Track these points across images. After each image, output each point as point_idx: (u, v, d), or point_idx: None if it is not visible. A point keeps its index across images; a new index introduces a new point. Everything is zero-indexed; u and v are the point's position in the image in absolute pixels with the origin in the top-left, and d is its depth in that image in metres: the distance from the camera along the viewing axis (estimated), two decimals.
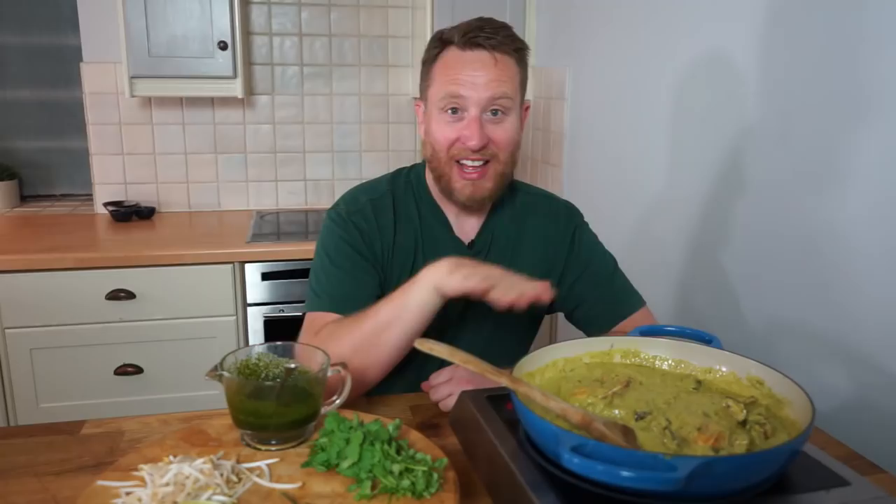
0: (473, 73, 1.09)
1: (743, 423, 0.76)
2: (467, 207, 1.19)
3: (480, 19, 1.13)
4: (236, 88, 2.36)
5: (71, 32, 2.57)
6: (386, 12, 2.68)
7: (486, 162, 1.13)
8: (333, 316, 1.12)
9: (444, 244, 1.21)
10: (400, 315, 1.02)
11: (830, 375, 1.20)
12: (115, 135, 2.54)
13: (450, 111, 1.11)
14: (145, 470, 0.76)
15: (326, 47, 2.67)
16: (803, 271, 1.26)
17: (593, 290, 1.24)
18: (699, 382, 0.88)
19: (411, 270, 1.18)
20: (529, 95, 1.71)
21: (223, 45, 2.26)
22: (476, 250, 1.22)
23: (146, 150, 2.58)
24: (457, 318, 1.19)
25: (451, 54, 1.12)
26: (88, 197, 2.71)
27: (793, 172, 1.29)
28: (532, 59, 1.18)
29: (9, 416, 2.08)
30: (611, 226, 1.64)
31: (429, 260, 1.18)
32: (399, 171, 1.28)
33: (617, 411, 0.80)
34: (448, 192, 1.17)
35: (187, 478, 0.73)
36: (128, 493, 0.73)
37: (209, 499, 0.72)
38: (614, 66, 1.97)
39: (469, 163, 1.13)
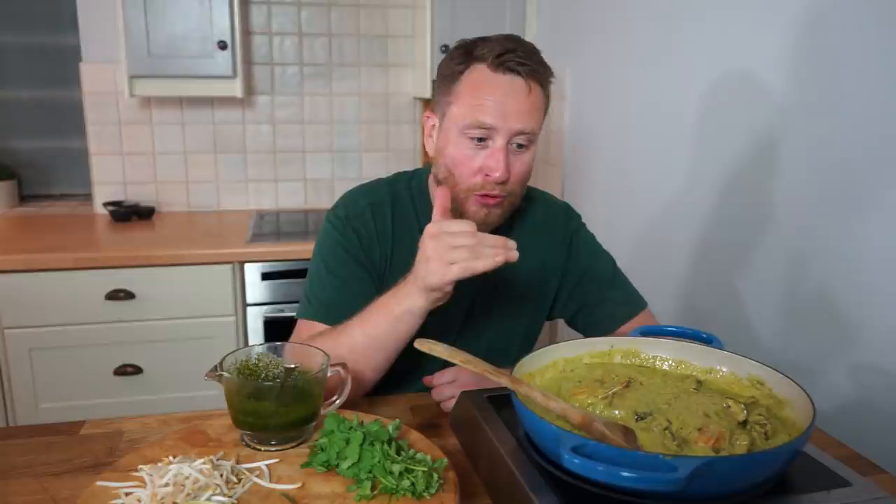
0: (505, 101, 1.03)
1: (743, 424, 0.76)
2: None
3: (511, 39, 1.06)
4: (236, 88, 2.36)
5: (70, 32, 2.57)
6: (386, 12, 2.68)
7: (503, 196, 1.09)
8: (323, 327, 1.10)
9: None
10: (393, 325, 0.99)
11: (831, 376, 1.20)
12: (114, 135, 2.54)
13: (475, 138, 1.05)
14: (145, 470, 0.76)
15: (326, 47, 2.67)
16: (805, 273, 1.26)
17: (594, 295, 1.23)
18: (700, 383, 0.88)
19: None
20: None
21: (223, 45, 2.26)
22: None
23: (145, 149, 2.58)
24: (458, 324, 1.18)
25: (481, 74, 1.04)
26: (87, 197, 2.70)
27: (796, 180, 1.28)
28: None
29: (8, 416, 2.08)
30: (610, 226, 1.64)
31: None
32: (399, 177, 1.24)
33: (617, 412, 0.80)
34: (459, 214, 1.11)
35: (187, 478, 0.73)
36: (127, 494, 0.73)
37: (209, 499, 0.71)
38: (615, 66, 1.97)
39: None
